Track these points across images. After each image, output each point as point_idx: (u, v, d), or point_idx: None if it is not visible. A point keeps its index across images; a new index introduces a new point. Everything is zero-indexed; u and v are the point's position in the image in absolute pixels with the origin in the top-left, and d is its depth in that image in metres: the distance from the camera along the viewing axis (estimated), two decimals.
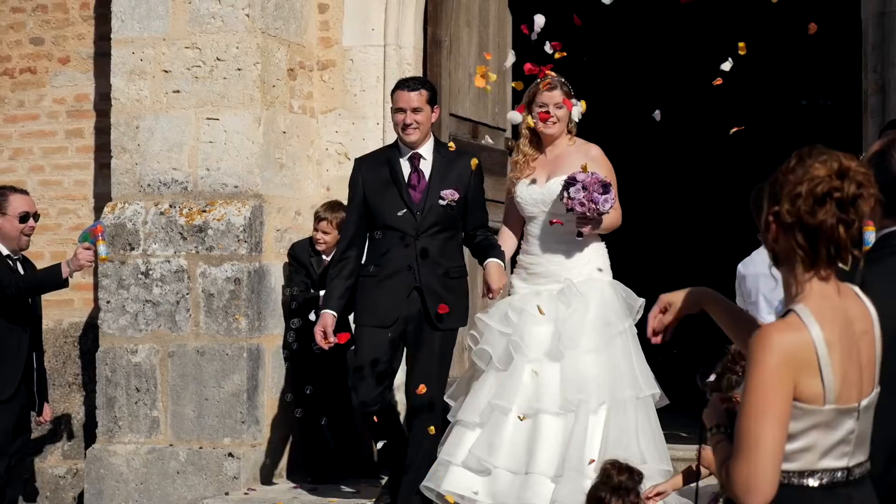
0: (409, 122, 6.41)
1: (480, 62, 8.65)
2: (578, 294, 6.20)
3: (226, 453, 7.51)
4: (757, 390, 2.78)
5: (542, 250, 6.38)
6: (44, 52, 8.66)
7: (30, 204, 7.23)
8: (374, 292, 6.39)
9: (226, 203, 7.67)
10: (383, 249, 6.41)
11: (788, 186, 2.86)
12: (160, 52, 7.79)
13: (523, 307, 6.24)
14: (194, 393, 7.59)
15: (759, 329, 2.85)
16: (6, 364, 7.00)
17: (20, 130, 8.68)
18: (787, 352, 2.78)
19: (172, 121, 7.77)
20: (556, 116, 6.40)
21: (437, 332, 6.35)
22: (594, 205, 6.07)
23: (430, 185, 6.42)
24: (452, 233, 6.47)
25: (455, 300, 6.42)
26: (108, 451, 7.67)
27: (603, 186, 6.10)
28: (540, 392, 6.07)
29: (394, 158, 6.51)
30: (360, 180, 6.51)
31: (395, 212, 6.38)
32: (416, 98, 6.42)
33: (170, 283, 7.65)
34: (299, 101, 8.12)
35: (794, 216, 2.84)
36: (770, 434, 2.76)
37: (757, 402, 2.77)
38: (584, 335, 6.14)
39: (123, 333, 7.70)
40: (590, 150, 6.44)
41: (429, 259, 6.35)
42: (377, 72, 8.24)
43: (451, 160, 6.49)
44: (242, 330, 7.55)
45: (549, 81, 6.42)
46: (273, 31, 7.83)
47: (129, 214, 7.76)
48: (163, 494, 7.57)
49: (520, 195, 6.46)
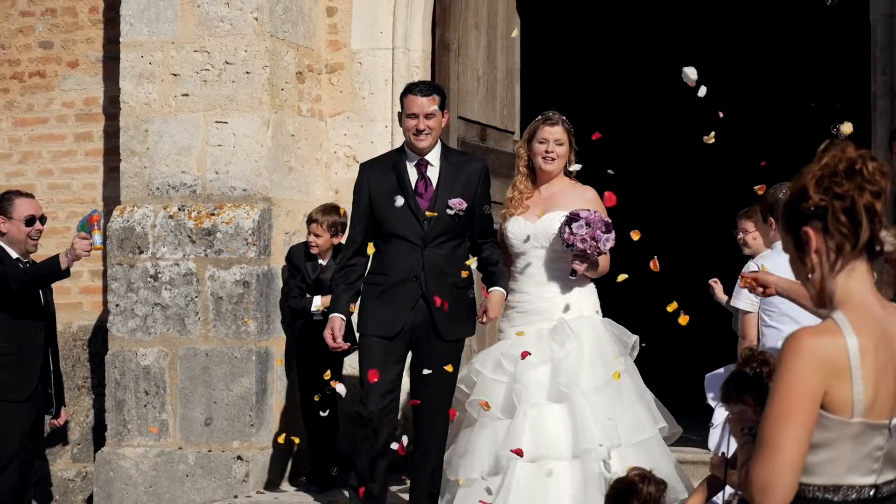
0: (423, 127, 6.25)
1: (489, 65, 8.66)
2: (571, 332, 6.06)
3: (235, 456, 7.52)
4: (784, 394, 2.71)
5: (532, 288, 6.22)
6: (53, 56, 8.68)
7: (36, 207, 7.22)
8: (379, 301, 6.25)
9: (235, 206, 7.68)
10: (389, 258, 6.27)
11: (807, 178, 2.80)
12: (169, 55, 7.80)
13: (517, 354, 6.06)
14: (203, 396, 7.59)
15: (793, 332, 2.77)
16: (24, 363, 7.01)
17: (29, 134, 8.70)
18: (818, 356, 2.70)
19: (181, 124, 7.79)
20: (557, 153, 6.28)
21: (443, 343, 6.23)
22: (595, 242, 5.96)
23: (438, 193, 6.29)
24: (459, 241, 6.35)
25: (463, 310, 6.31)
26: (117, 454, 7.67)
27: (605, 225, 6.02)
28: (546, 437, 5.91)
29: (400, 164, 6.35)
30: (367, 186, 6.36)
31: (402, 219, 6.25)
32: (429, 103, 6.26)
33: (179, 286, 7.66)
34: (308, 105, 8.13)
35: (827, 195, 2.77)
36: (792, 439, 2.70)
37: (782, 406, 2.71)
38: (582, 373, 5.99)
39: (132, 336, 7.71)
40: (585, 191, 6.32)
41: (436, 268, 6.23)
42: (385, 75, 8.24)
43: (458, 167, 6.37)
44: (251, 333, 7.56)
45: (550, 117, 6.32)
46: (281, 34, 7.84)
47: (138, 218, 7.77)
48: (172, 497, 7.57)
49: (510, 230, 6.31)
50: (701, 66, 6.05)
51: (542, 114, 6.37)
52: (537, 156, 6.28)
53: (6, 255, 7.07)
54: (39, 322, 7.12)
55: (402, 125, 6.42)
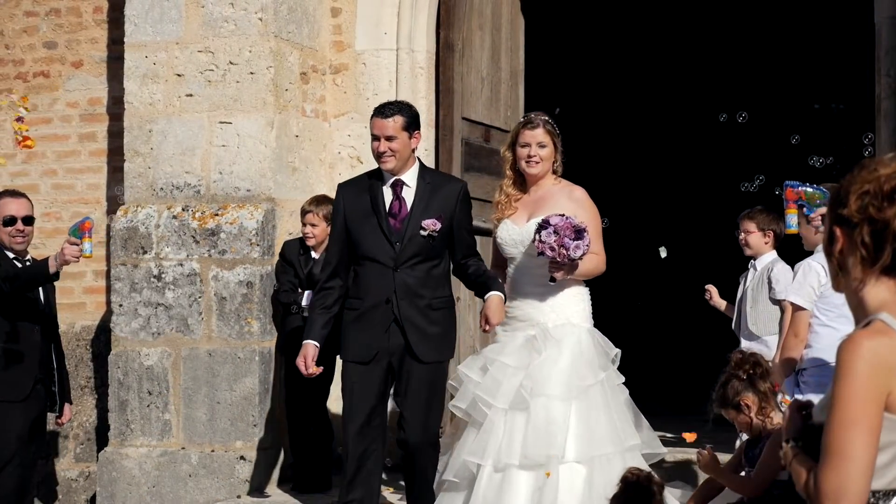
0: (384, 150, 6.10)
1: (493, 66, 8.66)
2: (552, 339, 5.94)
3: (238, 456, 7.52)
4: (848, 399, 2.67)
5: (520, 293, 6.11)
6: (57, 56, 8.68)
7: (18, 207, 7.14)
8: (355, 326, 6.14)
9: (238, 207, 7.68)
10: (363, 281, 6.15)
11: (855, 186, 2.77)
12: (173, 55, 7.80)
13: (496, 357, 5.99)
14: (206, 396, 7.59)
15: (847, 337, 2.73)
16: (21, 363, 7.01)
17: (33, 134, 8.70)
18: (878, 358, 2.67)
19: (185, 124, 7.79)
20: (540, 156, 6.12)
21: (423, 365, 6.07)
22: (565, 250, 5.79)
23: (412, 215, 6.15)
24: (436, 263, 6.18)
25: (440, 332, 6.15)
26: (120, 454, 7.68)
27: (576, 232, 5.82)
28: (509, 444, 5.81)
29: (375, 185, 6.22)
30: (342, 207, 6.25)
31: (374, 242, 6.12)
32: (391, 125, 6.10)
33: (182, 286, 7.66)
34: (312, 105, 8.13)
35: (861, 214, 2.76)
36: (862, 443, 2.66)
37: (848, 411, 2.67)
38: (551, 382, 5.85)
39: (136, 337, 7.71)
40: (573, 191, 6.17)
41: (408, 291, 6.08)
42: (389, 76, 8.24)
43: (435, 187, 6.22)
44: (255, 333, 7.56)
45: (531, 120, 6.17)
46: (286, 34, 7.84)
47: (142, 218, 7.77)
48: (175, 497, 7.57)
49: (500, 236, 6.21)
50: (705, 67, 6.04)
51: (524, 116, 6.25)
52: (521, 160, 6.14)
53: (2, 256, 7.06)
54: (36, 322, 7.10)
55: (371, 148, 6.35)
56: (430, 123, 8.31)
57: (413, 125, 6.20)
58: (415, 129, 6.20)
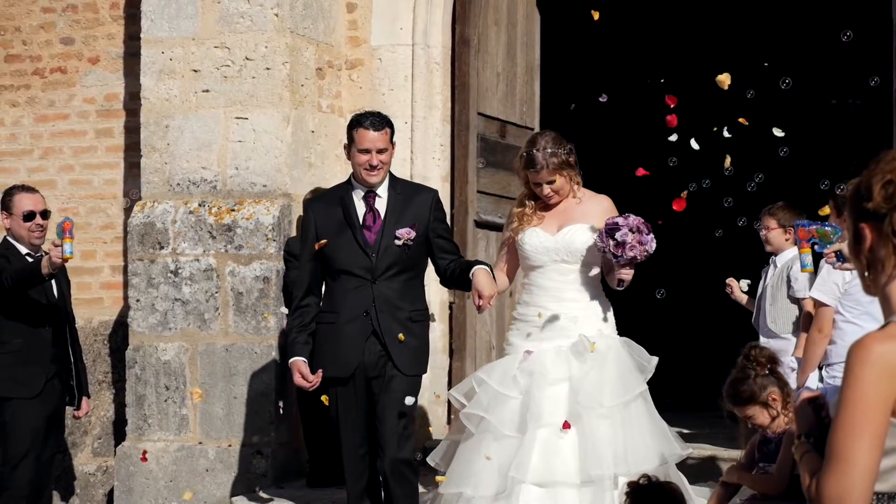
0: (376, 163, 5.99)
1: (508, 61, 8.66)
2: (592, 352, 5.78)
3: (254, 451, 7.54)
4: (854, 404, 2.64)
5: (550, 303, 5.91)
6: (74, 52, 8.71)
7: (36, 202, 7.15)
8: (331, 341, 6.01)
9: (255, 202, 7.70)
10: (339, 295, 6.02)
11: (876, 178, 2.70)
12: (189, 51, 7.82)
13: (533, 369, 5.78)
14: (223, 391, 7.61)
15: (858, 339, 2.67)
16: (31, 359, 7.02)
17: (50, 130, 8.73)
18: (887, 362, 2.62)
19: (202, 120, 7.80)
20: (553, 190, 5.96)
21: (404, 378, 5.94)
22: (644, 246, 5.67)
23: (385, 225, 6.03)
24: (413, 273, 6.08)
25: (417, 345, 6.02)
26: (137, 449, 7.70)
27: (647, 227, 5.73)
28: (556, 460, 5.64)
29: (346, 198, 6.09)
30: (313, 224, 6.10)
31: (350, 254, 5.99)
32: (381, 138, 6.01)
33: (199, 281, 7.68)
34: (328, 101, 8.14)
35: (889, 203, 2.68)
36: (866, 451, 2.63)
37: (854, 417, 2.64)
38: (604, 394, 5.70)
39: (153, 332, 7.73)
40: (602, 201, 6.04)
41: (387, 303, 5.97)
42: (405, 71, 8.24)
43: (407, 197, 6.10)
44: (271, 329, 7.57)
45: (534, 161, 5.89)
46: (302, 30, 7.85)
47: (159, 213, 7.80)
48: (192, 492, 7.59)
49: (528, 243, 5.97)
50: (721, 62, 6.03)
51: (526, 151, 5.98)
52: (539, 193, 5.98)
53: (14, 251, 7.07)
54: (46, 318, 7.11)
55: (350, 158, 6.17)
56: (445, 119, 8.31)
57: (393, 136, 6.15)
58: (393, 141, 6.15)
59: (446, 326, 8.28)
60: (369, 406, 6.01)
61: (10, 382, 6.97)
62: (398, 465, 5.90)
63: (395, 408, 5.92)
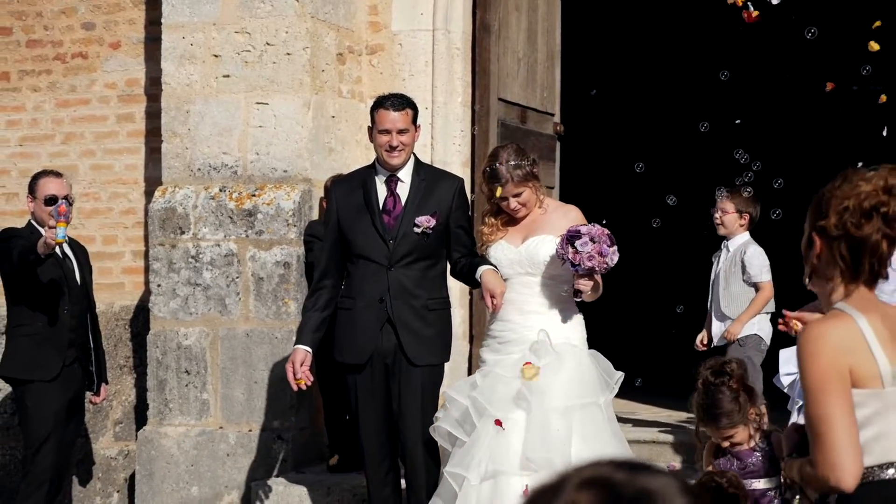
0: (396, 143, 5.94)
1: (529, 47, 8.64)
2: (553, 351, 5.60)
3: (275, 436, 7.55)
4: (814, 378, 2.80)
5: (515, 316, 5.73)
6: (95, 37, 8.72)
7: (58, 187, 7.16)
8: (348, 327, 5.98)
9: (275, 187, 7.70)
10: (357, 280, 5.98)
11: (836, 201, 2.92)
12: (210, 36, 7.82)
13: (490, 369, 5.68)
14: (244, 376, 7.63)
15: (806, 326, 2.97)
16: (48, 343, 7.05)
17: (72, 115, 8.75)
18: (833, 338, 2.83)
19: (222, 105, 7.81)
20: (520, 202, 5.80)
21: (416, 369, 5.91)
22: (603, 258, 5.44)
23: (406, 211, 5.97)
24: (432, 262, 6.01)
25: (434, 334, 5.98)
26: (158, 433, 7.73)
27: (609, 238, 5.50)
28: (504, 451, 5.50)
29: (369, 181, 6.05)
30: (334, 205, 6.09)
31: (368, 239, 5.94)
32: (402, 118, 5.96)
33: (220, 266, 7.69)
34: (348, 86, 8.14)
35: (840, 229, 2.92)
36: (838, 410, 2.78)
37: (817, 388, 2.80)
38: (553, 390, 5.52)
39: (174, 317, 7.75)
40: (569, 211, 5.88)
41: (403, 290, 5.92)
42: (426, 56, 8.23)
43: (430, 183, 6.02)
44: (291, 314, 7.58)
45: (497, 174, 5.74)
46: (322, 15, 7.84)
47: (180, 198, 7.81)
48: (213, 476, 7.62)
49: (493, 257, 5.83)
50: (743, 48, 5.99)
51: (488, 165, 5.86)
52: (506, 208, 5.83)
53: (38, 235, 7.10)
54: (67, 302, 7.13)
55: (372, 140, 6.13)
56: (466, 104, 8.30)
57: (416, 118, 6.09)
58: (417, 122, 6.10)
59: (466, 312, 8.28)
60: (388, 392, 6.01)
61: (28, 365, 7.01)
62: (420, 455, 5.91)
63: (416, 403, 5.91)
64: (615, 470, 1.56)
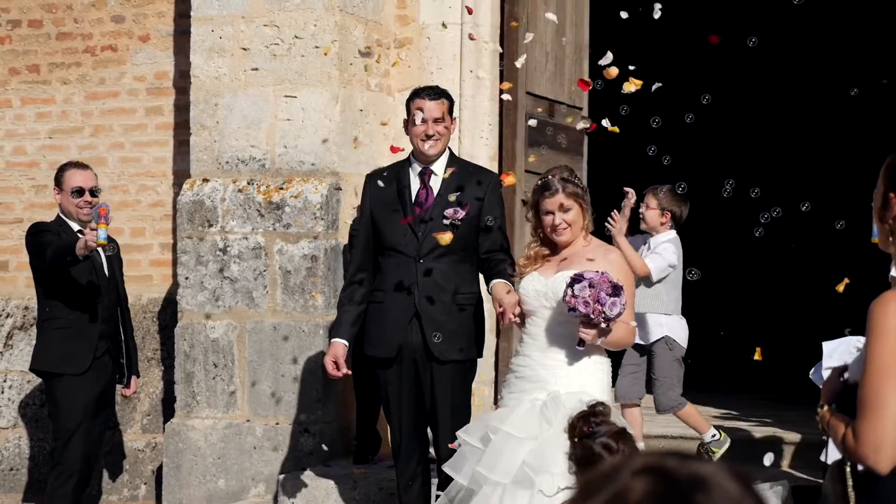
0: (432, 132, 5.93)
1: (557, 40, 8.61)
2: (563, 410, 5.09)
3: (302, 429, 7.56)
4: (879, 352, 2.77)
5: (535, 352, 5.42)
6: (124, 30, 8.74)
7: (86, 179, 7.18)
8: (378, 320, 5.98)
9: (303, 180, 7.71)
10: (387, 273, 5.98)
11: None
12: (239, 29, 7.83)
13: (499, 426, 5.28)
14: (271, 369, 7.64)
15: (879, 297, 2.90)
16: (79, 336, 7.08)
17: (101, 108, 8.78)
18: None
19: (251, 98, 7.82)
20: (566, 221, 5.46)
21: (442, 366, 5.87)
22: (600, 306, 5.11)
23: (436, 204, 5.94)
24: (462, 256, 5.94)
25: (462, 330, 5.92)
26: (186, 426, 7.75)
27: (613, 288, 5.16)
28: None
29: (403, 174, 6.05)
30: (368, 198, 6.10)
31: (398, 232, 5.92)
32: (437, 107, 5.96)
33: (247, 259, 7.70)
34: (376, 79, 8.13)
35: None
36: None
37: (881, 364, 2.77)
38: (558, 459, 4.90)
39: (202, 309, 7.77)
40: (609, 252, 5.57)
41: (431, 284, 5.87)
42: (454, 50, 8.21)
43: (464, 177, 5.97)
44: (319, 307, 7.59)
45: (549, 184, 5.50)
46: (351, 8, 7.84)
47: (208, 191, 7.82)
48: (240, 469, 7.64)
49: (523, 286, 5.53)
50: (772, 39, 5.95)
51: (540, 179, 5.65)
52: (546, 227, 5.52)
53: (66, 227, 7.12)
54: (98, 296, 7.15)
55: (408, 132, 6.10)
56: (493, 98, 8.28)
57: (452, 110, 6.09)
58: (452, 114, 6.10)
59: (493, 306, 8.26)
60: (419, 388, 5.99)
61: (58, 359, 7.05)
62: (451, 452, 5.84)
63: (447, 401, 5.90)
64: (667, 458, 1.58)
